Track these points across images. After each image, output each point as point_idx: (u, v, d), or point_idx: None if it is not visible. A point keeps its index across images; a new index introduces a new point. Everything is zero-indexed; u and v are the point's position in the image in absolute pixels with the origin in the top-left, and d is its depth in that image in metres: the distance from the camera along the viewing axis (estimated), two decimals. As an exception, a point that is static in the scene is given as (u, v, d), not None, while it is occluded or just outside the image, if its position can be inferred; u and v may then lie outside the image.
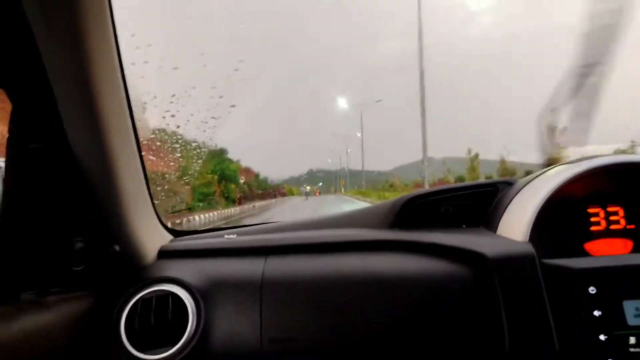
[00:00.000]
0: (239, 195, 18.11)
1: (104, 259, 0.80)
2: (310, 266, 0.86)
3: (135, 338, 0.76)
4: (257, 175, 30.65)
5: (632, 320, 0.69)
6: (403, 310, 0.78)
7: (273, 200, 29.27)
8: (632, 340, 0.68)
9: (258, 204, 21.91)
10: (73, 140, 0.72)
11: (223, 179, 16.02)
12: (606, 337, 0.69)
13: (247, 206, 18.59)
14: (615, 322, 0.69)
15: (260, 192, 27.19)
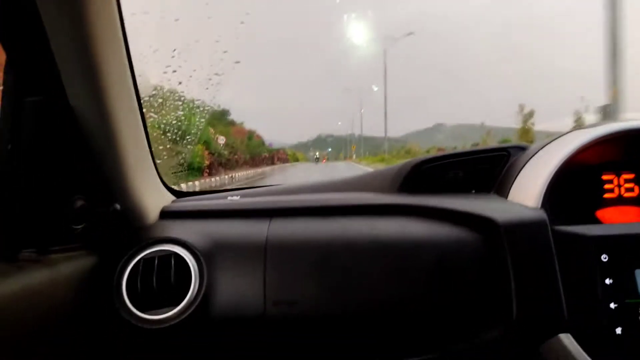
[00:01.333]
0: (207, 162, 11.92)
1: (104, 218, 0.79)
2: (315, 229, 0.84)
3: (137, 298, 0.75)
4: (249, 136, 23.63)
5: None
6: (409, 275, 0.77)
7: (267, 169, 21.99)
8: None
9: (242, 174, 15.24)
10: (71, 94, 0.69)
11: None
12: (616, 305, 0.68)
13: (218, 178, 12.24)
14: (627, 290, 0.68)
15: (249, 157, 20.11)
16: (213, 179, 11.69)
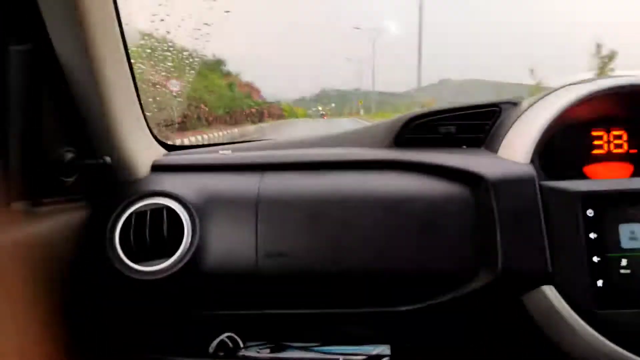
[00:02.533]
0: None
1: (95, 170, 0.79)
2: (307, 183, 0.85)
3: (130, 251, 0.76)
4: (229, 85, 18.13)
5: (626, 243, 0.70)
6: (399, 228, 0.79)
7: (251, 128, 15.45)
8: (624, 262, 0.69)
9: (197, 139, 8.22)
10: (57, 44, 0.68)
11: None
12: (599, 259, 0.69)
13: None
14: (610, 244, 0.70)
15: (225, 112, 13.95)
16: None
